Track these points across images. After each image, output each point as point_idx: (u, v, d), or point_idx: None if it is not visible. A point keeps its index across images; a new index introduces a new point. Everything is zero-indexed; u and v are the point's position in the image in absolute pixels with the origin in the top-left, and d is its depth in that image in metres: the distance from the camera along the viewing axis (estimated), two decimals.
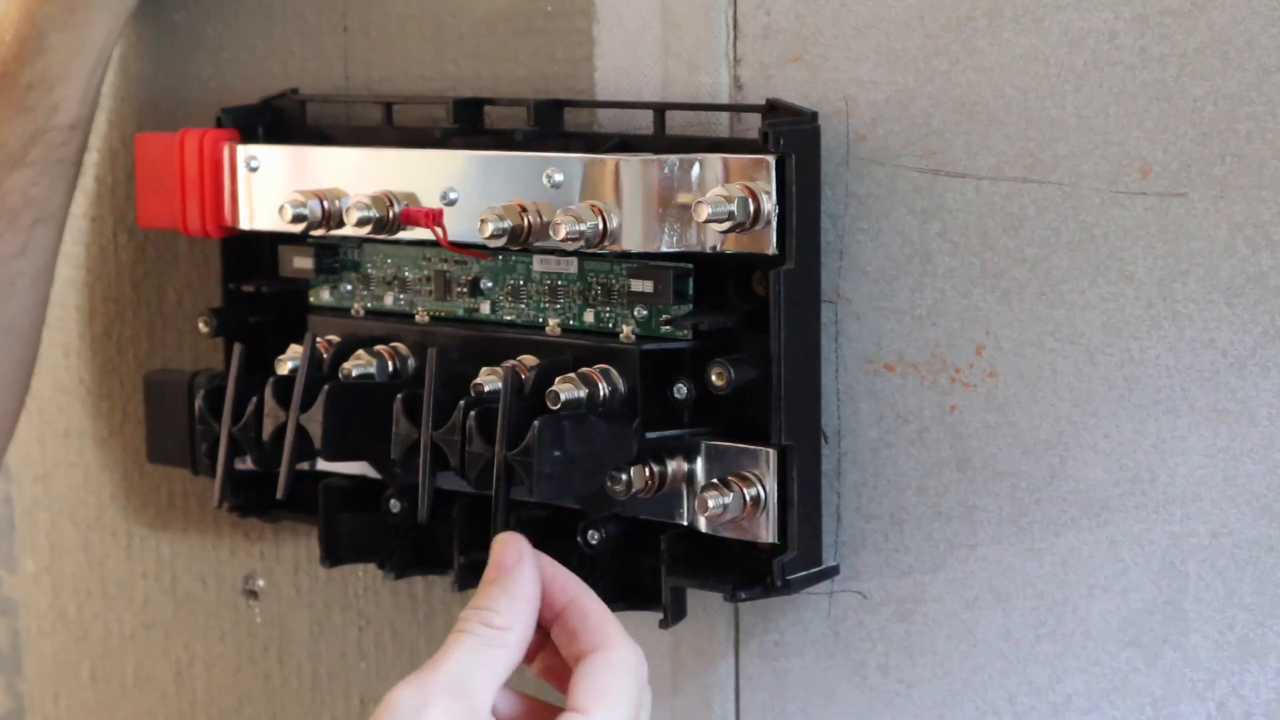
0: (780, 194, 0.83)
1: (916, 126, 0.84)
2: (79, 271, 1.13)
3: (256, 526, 1.09)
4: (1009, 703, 0.86)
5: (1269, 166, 0.77)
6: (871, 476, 0.88)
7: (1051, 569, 0.84)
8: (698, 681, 0.93)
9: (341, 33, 1.02)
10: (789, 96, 0.87)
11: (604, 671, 0.75)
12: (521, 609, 0.76)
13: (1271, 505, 0.79)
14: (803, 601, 0.90)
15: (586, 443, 0.84)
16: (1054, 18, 0.81)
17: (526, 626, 0.75)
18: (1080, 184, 0.81)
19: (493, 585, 0.76)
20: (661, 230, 0.85)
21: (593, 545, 0.90)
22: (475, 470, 0.85)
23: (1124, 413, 0.81)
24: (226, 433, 0.94)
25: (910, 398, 0.86)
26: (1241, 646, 0.80)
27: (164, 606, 1.15)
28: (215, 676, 1.13)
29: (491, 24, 0.96)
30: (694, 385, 0.86)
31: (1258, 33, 0.76)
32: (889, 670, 0.88)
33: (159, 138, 1.01)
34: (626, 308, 0.89)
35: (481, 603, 0.76)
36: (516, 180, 0.88)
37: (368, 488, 0.96)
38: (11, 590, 1.23)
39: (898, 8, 0.84)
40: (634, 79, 0.91)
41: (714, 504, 0.85)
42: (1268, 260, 0.77)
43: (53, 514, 1.19)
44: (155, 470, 1.13)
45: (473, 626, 0.75)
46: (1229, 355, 0.79)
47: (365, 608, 1.06)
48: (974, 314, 0.84)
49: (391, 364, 0.93)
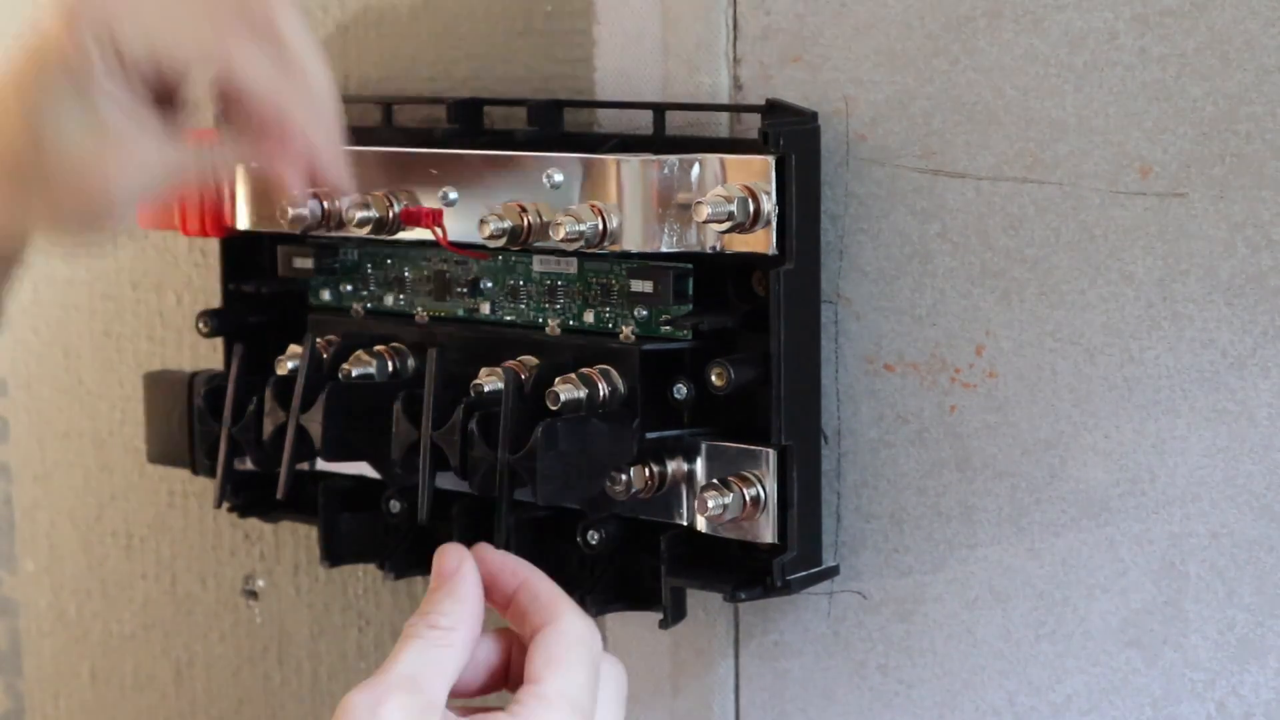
0: (780, 194, 0.83)
1: (916, 126, 0.84)
2: (79, 271, 1.13)
3: (256, 526, 1.09)
4: (1009, 703, 0.86)
5: (1269, 166, 0.77)
6: (871, 476, 0.88)
7: (1051, 569, 0.84)
8: (698, 681, 0.93)
9: (341, 33, 1.02)
10: (789, 96, 0.87)
11: (555, 643, 0.76)
12: (464, 611, 0.77)
13: (1271, 505, 0.79)
14: (803, 601, 0.90)
15: (587, 445, 0.84)
16: (1054, 18, 0.81)
17: (471, 626, 0.76)
18: (1080, 184, 0.81)
19: (435, 592, 0.77)
20: (661, 230, 0.85)
21: (593, 545, 0.90)
22: (478, 475, 0.85)
23: (1124, 413, 0.81)
24: (226, 433, 0.94)
25: (910, 398, 0.86)
26: (1241, 646, 0.80)
27: (164, 606, 1.15)
28: (215, 676, 1.13)
29: (491, 24, 0.96)
30: (694, 385, 0.86)
31: (1258, 33, 0.76)
32: (889, 670, 0.88)
33: None
34: (626, 308, 0.89)
35: (426, 608, 0.77)
36: (516, 180, 0.88)
37: (368, 488, 0.96)
38: (11, 590, 1.23)
39: (898, 8, 0.84)
40: (634, 79, 0.91)
41: (714, 504, 0.85)
42: (1268, 260, 0.77)
43: (53, 514, 1.19)
44: (155, 470, 1.13)
45: (419, 630, 0.76)
46: (1229, 355, 0.79)
47: (365, 608, 1.06)
48: (974, 314, 0.84)
49: (391, 364, 0.93)
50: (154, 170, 0.76)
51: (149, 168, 0.76)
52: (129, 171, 0.76)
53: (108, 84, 0.75)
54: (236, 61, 0.75)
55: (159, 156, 0.76)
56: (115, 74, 0.75)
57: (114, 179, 0.75)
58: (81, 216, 0.76)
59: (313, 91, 0.77)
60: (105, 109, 0.75)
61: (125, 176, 0.76)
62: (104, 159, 0.75)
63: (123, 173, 0.76)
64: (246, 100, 0.76)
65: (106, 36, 0.74)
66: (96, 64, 0.74)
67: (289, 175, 0.78)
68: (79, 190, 0.76)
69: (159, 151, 0.76)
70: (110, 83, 0.75)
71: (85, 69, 0.75)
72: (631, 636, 0.94)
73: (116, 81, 0.75)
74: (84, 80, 0.75)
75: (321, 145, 0.78)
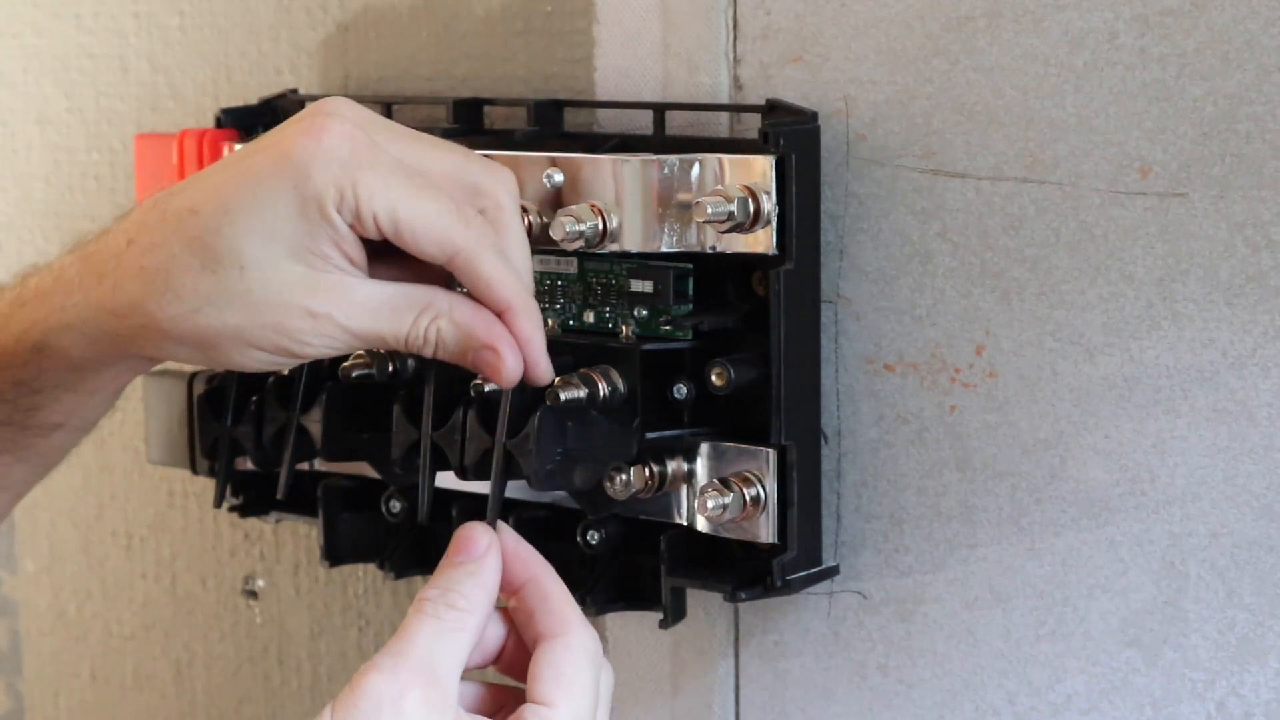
0: (780, 194, 0.83)
1: (916, 126, 0.84)
2: None
3: (256, 526, 1.09)
4: (1009, 703, 0.86)
5: (1269, 166, 0.77)
6: (871, 476, 0.88)
7: (1051, 569, 0.84)
8: (698, 681, 0.93)
9: (341, 33, 1.02)
10: (789, 96, 0.87)
11: (566, 660, 0.75)
12: (484, 598, 0.76)
13: (1271, 505, 0.79)
14: (803, 601, 0.90)
15: (586, 437, 0.84)
16: (1054, 18, 0.81)
17: (485, 613, 0.76)
18: (1080, 184, 0.81)
19: (458, 569, 0.77)
20: (661, 230, 0.85)
21: (592, 545, 0.90)
22: (473, 458, 0.85)
23: (1124, 413, 0.81)
24: (227, 433, 0.95)
25: (910, 398, 0.86)
26: (1241, 646, 0.80)
27: (164, 606, 1.15)
28: (215, 676, 1.13)
29: (491, 24, 0.96)
30: (694, 385, 0.86)
31: (1258, 33, 0.76)
32: (889, 670, 0.88)
33: (159, 138, 1.01)
34: (626, 308, 0.89)
35: (446, 584, 0.76)
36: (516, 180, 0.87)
37: (368, 488, 0.96)
38: (11, 590, 1.23)
39: (898, 8, 0.84)
40: (634, 79, 0.91)
41: (714, 504, 0.85)
42: (1268, 260, 0.77)
43: (53, 514, 1.19)
44: (155, 470, 1.13)
45: (437, 609, 0.75)
46: (1229, 355, 0.79)
47: (365, 608, 1.06)
48: (974, 314, 0.84)
49: (391, 364, 0.93)
50: (356, 315, 0.76)
51: (350, 312, 0.76)
52: (339, 312, 0.75)
53: (336, 232, 0.74)
54: (476, 250, 0.76)
55: (374, 300, 0.76)
56: (341, 226, 0.74)
57: (322, 317, 0.75)
58: (271, 342, 0.76)
59: (529, 285, 0.78)
60: (325, 252, 0.75)
61: (335, 316, 0.75)
62: (316, 297, 0.75)
63: (333, 312, 0.75)
64: (476, 286, 0.77)
65: (350, 192, 0.74)
66: (332, 213, 0.74)
67: (508, 359, 0.78)
68: (275, 321, 0.75)
69: (366, 300, 0.76)
70: (337, 232, 0.75)
71: (318, 212, 0.74)
72: (631, 636, 0.94)
73: (341, 232, 0.75)
74: (313, 223, 0.74)
75: (534, 338, 0.78)
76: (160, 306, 0.75)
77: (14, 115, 1.17)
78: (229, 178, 0.75)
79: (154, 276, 0.75)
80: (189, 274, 0.75)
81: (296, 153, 0.74)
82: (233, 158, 0.77)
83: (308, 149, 0.74)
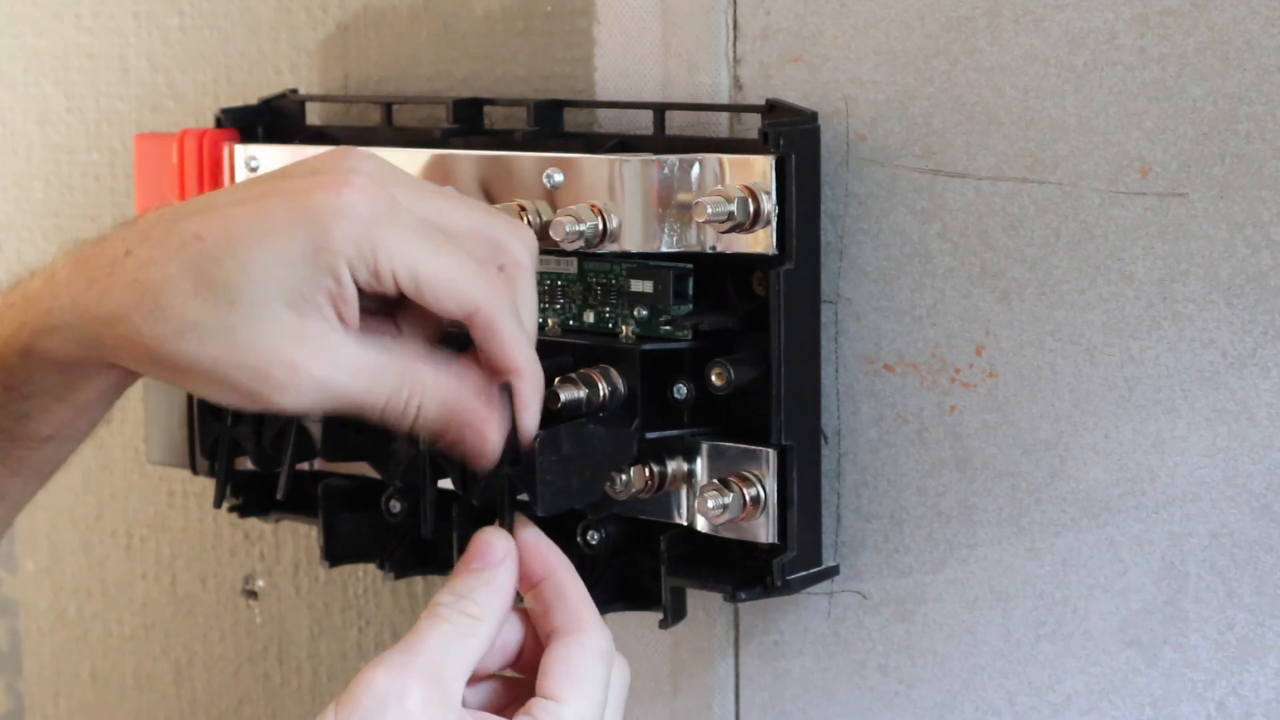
0: (780, 194, 0.83)
1: (916, 126, 0.84)
2: None
3: (256, 526, 1.09)
4: (1009, 703, 0.86)
5: (1269, 166, 0.77)
6: (871, 476, 0.88)
7: (1051, 569, 0.84)
8: (698, 681, 0.93)
9: (341, 33, 1.02)
10: (789, 96, 0.87)
11: (578, 659, 0.75)
12: (497, 605, 0.76)
13: (1271, 505, 0.79)
14: (803, 601, 0.90)
15: (587, 452, 0.84)
16: (1054, 18, 0.81)
17: (499, 621, 0.76)
18: (1080, 184, 0.81)
19: (474, 575, 0.77)
20: (661, 230, 0.85)
21: (592, 545, 0.90)
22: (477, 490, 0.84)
23: (1124, 413, 0.81)
24: (227, 433, 0.94)
25: (910, 398, 0.86)
26: (1241, 646, 0.80)
27: (164, 606, 1.15)
28: (215, 676, 1.13)
29: (491, 24, 0.96)
30: (694, 385, 0.86)
31: (1258, 33, 0.76)
32: (889, 670, 0.88)
33: (159, 138, 1.01)
34: (626, 308, 0.89)
35: (462, 590, 0.76)
36: (516, 180, 0.88)
37: (368, 488, 0.96)
38: (11, 590, 1.23)
39: (898, 8, 0.84)
40: (634, 79, 0.91)
41: (714, 504, 0.85)
42: (1268, 260, 0.77)
43: (53, 514, 1.19)
44: (155, 470, 1.13)
45: (451, 615, 0.75)
46: (1229, 355, 0.79)
47: (365, 608, 1.06)
48: (974, 314, 0.84)
49: None
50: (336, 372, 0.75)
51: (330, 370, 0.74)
52: (319, 366, 0.74)
53: (339, 288, 0.74)
54: (496, 309, 0.75)
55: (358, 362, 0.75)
56: (347, 283, 0.73)
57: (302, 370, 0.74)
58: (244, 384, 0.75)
59: (535, 353, 0.78)
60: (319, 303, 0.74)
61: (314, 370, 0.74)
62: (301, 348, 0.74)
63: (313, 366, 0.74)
64: (490, 345, 0.76)
65: (369, 250, 0.74)
66: (343, 270, 0.73)
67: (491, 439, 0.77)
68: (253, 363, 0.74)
69: (349, 360, 0.75)
70: (339, 288, 0.74)
71: (328, 267, 0.73)
72: (631, 636, 0.94)
73: (343, 289, 0.74)
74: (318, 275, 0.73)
75: (531, 405, 0.78)
76: (146, 322, 0.75)
77: (14, 115, 1.17)
78: (243, 213, 0.74)
79: (145, 292, 0.75)
80: (180, 296, 0.74)
81: (316, 205, 0.74)
82: (250, 191, 0.76)
83: (328, 203, 0.73)
